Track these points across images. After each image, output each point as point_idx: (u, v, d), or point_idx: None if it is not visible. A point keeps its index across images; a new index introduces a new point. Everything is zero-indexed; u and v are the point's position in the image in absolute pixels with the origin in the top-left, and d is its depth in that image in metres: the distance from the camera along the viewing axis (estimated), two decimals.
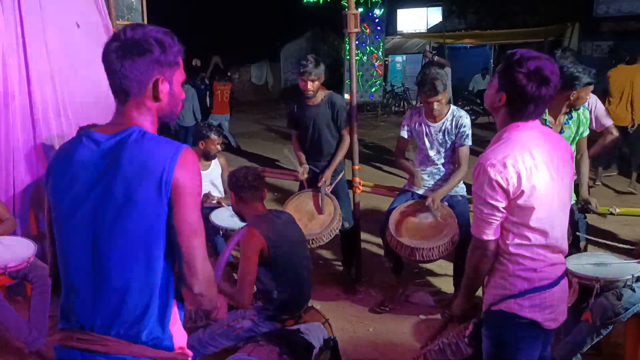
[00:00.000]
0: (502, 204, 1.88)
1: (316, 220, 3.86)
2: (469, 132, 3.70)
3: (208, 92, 10.55)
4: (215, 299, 1.47)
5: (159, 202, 1.37)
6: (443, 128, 3.71)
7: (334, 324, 3.01)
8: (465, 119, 3.69)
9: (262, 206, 2.85)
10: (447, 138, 3.71)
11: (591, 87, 3.29)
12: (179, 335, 1.50)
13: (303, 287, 2.86)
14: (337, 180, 4.10)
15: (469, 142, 3.70)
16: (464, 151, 3.72)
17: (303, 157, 4.16)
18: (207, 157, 4.26)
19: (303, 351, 2.61)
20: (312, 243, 3.74)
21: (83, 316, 1.41)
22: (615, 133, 4.06)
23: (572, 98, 3.20)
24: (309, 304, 2.99)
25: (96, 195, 1.39)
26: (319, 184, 3.97)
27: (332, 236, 3.87)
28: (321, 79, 3.96)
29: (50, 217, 1.50)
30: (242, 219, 2.91)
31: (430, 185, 3.80)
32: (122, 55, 1.39)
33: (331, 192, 4.02)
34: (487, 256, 1.96)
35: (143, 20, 4.53)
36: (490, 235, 1.93)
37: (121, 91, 1.44)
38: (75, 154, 1.44)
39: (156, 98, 1.45)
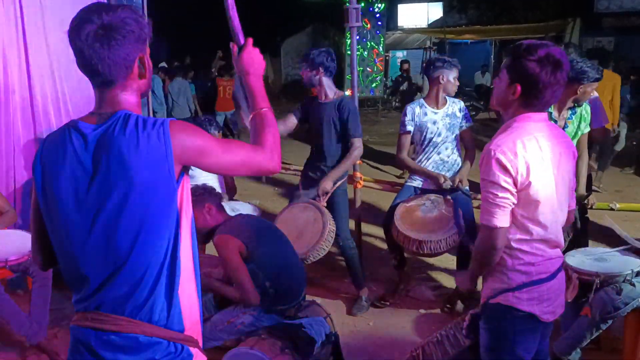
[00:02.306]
0: (513, 189, 1.85)
1: (303, 238, 3.51)
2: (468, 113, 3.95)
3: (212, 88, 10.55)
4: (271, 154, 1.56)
5: (165, 184, 1.37)
6: (449, 113, 3.84)
7: (335, 319, 3.02)
8: (462, 103, 3.95)
9: (225, 214, 3.01)
10: (454, 121, 3.83)
11: (597, 83, 3.30)
12: (190, 319, 1.49)
13: (293, 272, 2.90)
14: (335, 186, 3.73)
15: (471, 122, 3.93)
16: (470, 132, 3.92)
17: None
18: None
19: (305, 345, 2.62)
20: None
21: (96, 300, 1.42)
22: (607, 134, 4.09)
23: (578, 92, 3.21)
24: (312, 299, 3.01)
25: (96, 185, 1.38)
26: (319, 193, 3.67)
27: (322, 255, 3.54)
28: (316, 72, 3.71)
29: (38, 211, 1.48)
30: (211, 235, 2.93)
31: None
32: (106, 42, 1.35)
33: (328, 200, 3.72)
34: (497, 248, 1.91)
35: (143, 13, 4.51)
36: (503, 221, 1.87)
37: (106, 77, 1.40)
38: (66, 147, 1.41)
39: (142, 75, 1.45)
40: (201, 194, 2.95)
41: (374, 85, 13.24)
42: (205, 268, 3.13)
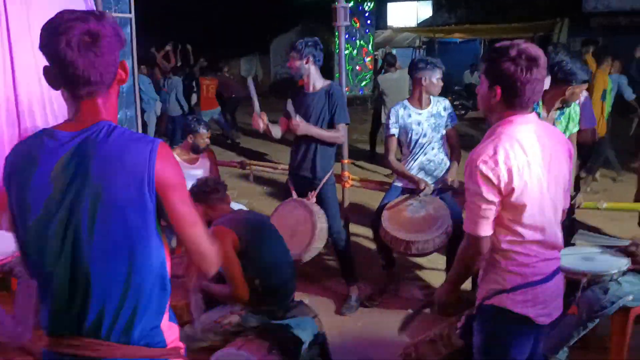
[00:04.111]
0: (496, 199, 1.86)
1: (297, 238, 3.50)
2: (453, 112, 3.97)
3: (195, 88, 10.48)
4: (218, 262, 1.53)
5: (142, 201, 1.33)
6: (434, 112, 3.84)
7: (323, 318, 3.01)
8: (448, 102, 3.95)
9: (228, 208, 2.99)
10: (439, 120, 3.83)
11: (586, 85, 3.30)
12: (169, 330, 1.47)
13: (284, 272, 2.89)
14: (323, 181, 3.76)
15: (456, 121, 3.94)
16: (455, 131, 3.93)
17: (264, 116, 3.74)
18: (196, 150, 4.25)
19: (292, 346, 2.61)
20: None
21: (70, 322, 1.37)
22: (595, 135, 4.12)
23: (567, 94, 3.21)
24: (299, 299, 3.00)
25: (71, 198, 1.32)
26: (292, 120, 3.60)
27: (315, 254, 3.57)
28: (306, 60, 3.68)
29: (15, 223, 1.42)
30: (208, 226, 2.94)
31: (426, 179, 3.79)
32: (94, 48, 1.32)
33: (317, 194, 3.73)
34: (481, 254, 1.93)
35: (130, 11, 4.47)
36: (487, 230, 1.89)
37: (94, 84, 1.35)
38: (39, 155, 1.35)
39: (122, 81, 1.43)
40: (210, 189, 2.95)
41: (363, 84, 13.25)
42: (194, 268, 3.11)
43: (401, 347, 2.78)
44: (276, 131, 3.83)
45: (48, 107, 4.01)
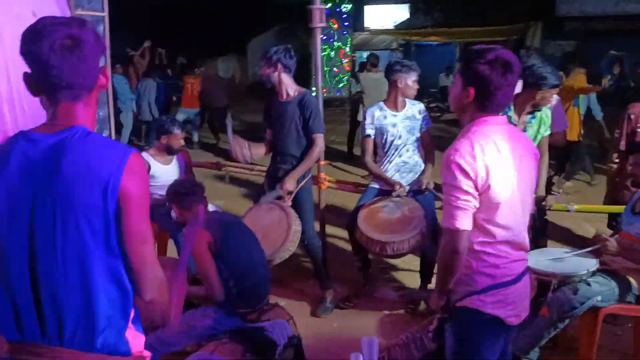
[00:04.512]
0: (474, 192, 1.87)
1: (268, 239, 3.45)
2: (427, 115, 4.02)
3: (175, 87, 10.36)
4: (166, 307, 1.46)
5: (105, 208, 1.31)
6: (409, 115, 3.87)
7: (298, 320, 3.00)
8: (423, 105, 3.99)
9: (204, 210, 2.97)
10: (414, 123, 3.86)
11: (557, 90, 3.36)
12: (135, 338, 1.45)
13: (259, 274, 2.88)
14: (301, 185, 3.73)
15: (431, 124, 3.98)
16: (429, 134, 3.97)
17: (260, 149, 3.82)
18: (170, 151, 4.20)
19: (267, 349, 2.60)
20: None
21: (31, 328, 1.34)
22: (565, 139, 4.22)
23: (537, 97, 3.26)
24: (275, 302, 2.99)
25: (35, 201, 1.31)
26: (282, 193, 3.63)
27: (287, 256, 3.53)
28: (275, 69, 3.65)
29: None
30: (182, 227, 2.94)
31: (402, 181, 3.81)
32: (77, 52, 1.32)
33: (293, 198, 3.70)
34: (460, 252, 1.91)
35: (103, 10, 4.40)
36: (465, 224, 1.88)
37: (77, 88, 1.35)
38: (11, 156, 1.34)
39: (103, 87, 1.42)
40: (186, 190, 2.94)
41: (341, 85, 13.30)
42: (167, 271, 3.07)
43: None
44: (258, 151, 3.84)
45: (17, 106, 3.91)
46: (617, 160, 3.93)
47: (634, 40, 11.63)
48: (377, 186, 3.93)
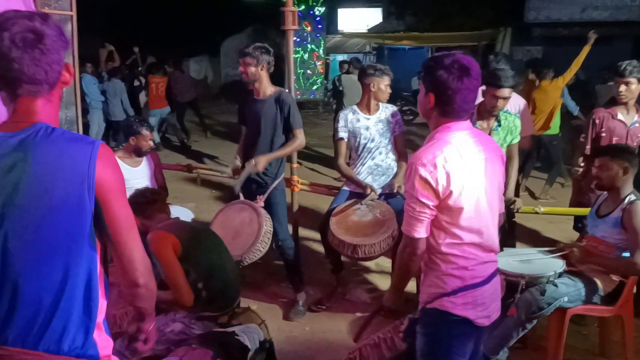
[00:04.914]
0: (432, 203, 1.91)
1: (239, 239, 3.46)
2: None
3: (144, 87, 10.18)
4: (155, 293, 1.50)
5: (81, 204, 1.30)
6: (382, 118, 3.88)
7: (270, 324, 2.98)
8: (396, 109, 4.00)
9: (166, 217, 2.92)
10: (387, 126, 3.88)
11: (511, 91, 3.43)
12: (103, 342, 1.42)
13: (228, 276, 2.85)
14: (273, 186, 3.75)
15: (403, 128, 3.98)
16: (402, 137, 3.97)
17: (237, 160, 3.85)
18: (139, 153, 4.10)
19: (238, 354, 2.57)
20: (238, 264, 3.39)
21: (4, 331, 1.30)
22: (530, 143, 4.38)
23: (489, 97, 3.34)
24: (246, 306, 2.96)
25: (5, 200, 1.28)
26: (251, 166, 3.59)
27: (258, 257, 3.50)
28: (261, 67, 3.67)
29: None
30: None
31: (374, 184, 3.83)
32: (40, 45, 1.30)
33: (266, 200, 3.69)
34: (417, 255, 1.98)
35: (71, 9, 4.31)
36: (421, 233, 1.94)
37: (34, 84, 1.33)
38: None
39: (65, 83, 1.40)
40: (147, 200, 2.88)
41: (314, 87, 13.30)
42: None
43: (347, 350, 2.78)
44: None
45: None
46: (582, 164, 4.01)
47: (598, 46, 11.98)
48: (349, 189, 3.94)
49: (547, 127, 6.63)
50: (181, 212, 3.94)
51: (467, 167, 1.93)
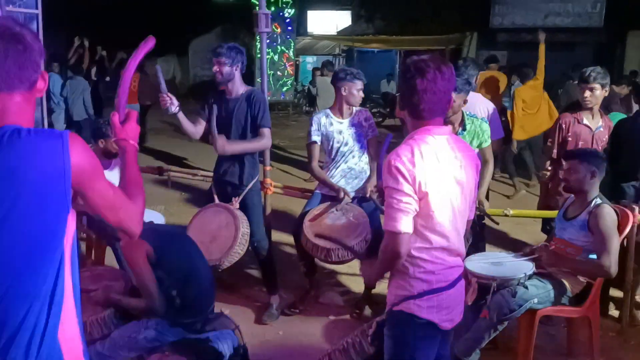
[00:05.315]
0: (415, 196, 1.90)
1: (218, 242, 3.45)
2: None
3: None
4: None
5: (55, 201, 1.27)
6: (355, 122, 3.89)
7: (243, 328, 2.95)
8: (369, 113, 4.04)
9: None
10: (360, 130, 3.89)
11: (466, 96, 3.50)
12: (72, 345, 1.37)
13: (202, 282, 2.81)
14: (248, 187, 3.74)
15: (377, 132, 3.98)
16: (376, 141, 3.95)
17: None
18: (108, 155, 4.00)
19: None
20: (214, 269, 3.37)
21: None
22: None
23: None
24: (219, 311, 2.93)
25: None
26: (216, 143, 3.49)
27: (237, 259, 3.51)
28: (236, 67, 3.64)
29: None
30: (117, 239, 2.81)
31: (347, 187, 3.84)
32: (22, 47, 1.31)
33: (241, 201, 3.68)
34: (401, 255, 1.93)
35: (37, 7, 4.19)
36: (407, 227, 1.89)
37: (15, 81, 1.32)
38: None
39: (40, 91, 1.40)
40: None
41: (284, 89, 13.30)
42: (105, 281, 2.95)
43: (320, 354, 2.77)
44: (190, 127, 3.71)
45: None
46: (549, 168, 4.11)
47: (561, 52, 12.33)
48: (321, 192, 3.94)
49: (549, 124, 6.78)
50: (151, 216, 3.87)
51: (442, 171, 1.95)
